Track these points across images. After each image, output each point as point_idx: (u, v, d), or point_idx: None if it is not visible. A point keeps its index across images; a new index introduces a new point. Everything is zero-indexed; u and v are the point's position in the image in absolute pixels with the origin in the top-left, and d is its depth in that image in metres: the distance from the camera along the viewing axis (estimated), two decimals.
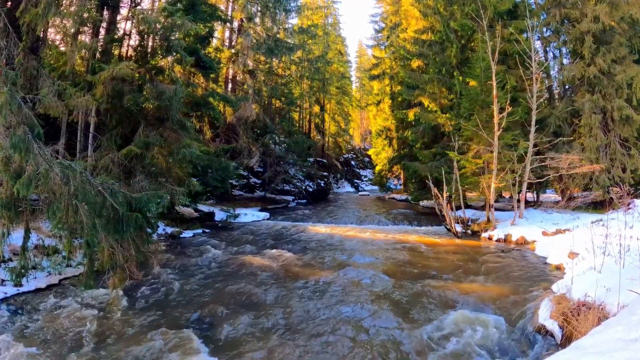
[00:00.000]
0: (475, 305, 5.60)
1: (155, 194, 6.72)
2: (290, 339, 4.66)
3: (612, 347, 2.87)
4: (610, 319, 3.93)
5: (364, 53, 47.65)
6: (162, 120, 9.54)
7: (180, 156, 9.31)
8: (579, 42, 13.71)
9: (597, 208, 12.83)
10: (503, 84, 12.61)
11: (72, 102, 7.53)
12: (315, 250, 9.50)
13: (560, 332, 4.35)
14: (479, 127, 11.96)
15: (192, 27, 9.92)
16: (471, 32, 15.41)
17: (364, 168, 41.71)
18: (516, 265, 7.90)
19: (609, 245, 5.52)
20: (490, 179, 11.85)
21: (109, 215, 5.37)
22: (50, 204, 4.99)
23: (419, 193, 18.75)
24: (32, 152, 4.82)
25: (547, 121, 13.97)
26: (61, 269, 6.73)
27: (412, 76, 17.86)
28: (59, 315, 5.16)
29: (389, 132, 27.03)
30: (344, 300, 5.91)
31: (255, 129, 19.64)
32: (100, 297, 5.77)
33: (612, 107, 12.99)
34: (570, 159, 11.37)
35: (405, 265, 8.10)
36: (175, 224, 11.51)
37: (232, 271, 7.52)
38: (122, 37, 10.78)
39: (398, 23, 26.90)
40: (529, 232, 10.30)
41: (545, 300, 4.88)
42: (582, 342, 3.32)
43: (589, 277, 5.04)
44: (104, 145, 9.20)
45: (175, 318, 5.24)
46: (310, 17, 31.49)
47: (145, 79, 9.50)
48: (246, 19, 19.58)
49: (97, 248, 5.54)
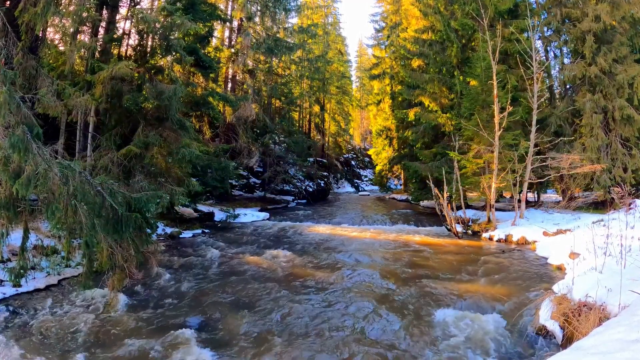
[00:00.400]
0: (476, 306, 5.60)
1: (155, 194, 6.72)
2: (290, 340, 4.66)
3: (613, 348, 2.87)
4: (611, 319, 3.93)
5: (364, 52, 47.71)
6: (161, 120, 9.54)
7: (180, 156, 9.31)
8: (580, 42, 13.72)
9: (598, 208, 12.84)
10: (504, 83, 12.62)
11: (71, 101, 7.53)
12: (315, 251, 9.50)
13: (561, 332, 4.35)
14: (479, 126, 11.96)
15: (191, 26, 9.92)
16: (472, 31, 15.42)
17: (364, 168, 41.74)
18: (517, 266, 7.89)
19: (610, 246, 5.53)
20: (491, 179, 11.86)
21: (108, 216, 5.37)
22: (49, 204, 4.99)
23: (420, 193, 18.76)
24: (31, 152, 4.82)
25: (548, 121, 13.98)
26: (60, 270, 6.74)
27: (412, 76, 17.88)
28: (57, 316, 5.16)
29: (390, 132, 27.07)
30: (343, 302, 5.91)
31: (255, 128, 19.65)
32: (99, 298, 5.76)
33: (613, 107, 12.99)
34: (571, 158, 11.37)
35: (406, 266, 8.10)
36: (174, 224, 11.51)
37: (232, 272, 7.52)
38: (122, 37, 10.79)
39: (398, 22, 26.94)
40: (530, 232, 10.30)
41: (546, 301, 4.88)
42: (583, 342, 3.32)
43: (590, 278, 5.04)
44: (103, 145, 9.21)
45: (174, 319, 5.24)
46: (310, 17, 31.52)
47: (145, 79, 9.49)
48: (246, 18, 19.58)
49: (96, 248, 5.53)
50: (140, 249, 6.40)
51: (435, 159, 16.07)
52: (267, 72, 21.17)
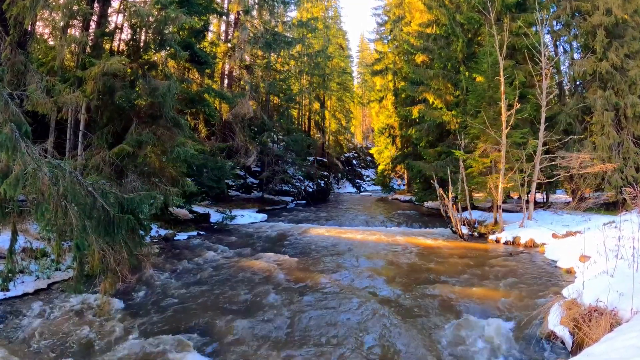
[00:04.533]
0: (483, 311, 5.60)
1: (148, 194, 6.72)
2: (288, 348, 4.66)
3: (625, 355, 2.88)
4: (623, 325, 3.93)
5: (366, 47, 47.76)
6: (155, 117, 9.54)
7: (174, 155, 9.31)
8: (590, 36, 13.72)
9: (609, 209, 12.83)
10: (511, 79, 12.61)
11: (62, 98, 7.53)
12: (315, 254, 9.50)
13: (570, 338, 4.35)
14: (486, 124, 11.96)
15: (186, 20, 9.93)
16: (478, 25, 15.41)
17: (366, 167, 41.76)
18: (525, 269, 7.90)
19: (621, 248, 5.53)
20: (497, 179, 11.85)
21: (99, 217, 5.37)
22: (38, 205, 4.99)
23: (424, 194, 18.73)
24: (19, 151, 4.82)
25: (557, 118, 13.97)
26: (50, 273, 6.74)
27: (416, 71, 17.86)
28: (47, 322, 5.16)
29: (392, 130, 27.05)
30: (345, 306, 5.90)
31: (253, 126, 19.66)
32: (90, 302, 5.76)
33: (625, 104, 12.99)
34: (582, 158, 11.37)
35: (410, 269, 8.10)
36: (169, 226, 11.52)
37: (228, 275, 7.52)
38: (114, 31, 10.79)
39: (401, 16, 26.94)
40: (539, 234, 10.31)
41: (555, 306, 4.88)
42: (593, 349, 3.32)
43: (601, 282, 5.04)
44: (94, 144, 9.21)
45: (168, 323, 5.24)
46: (310, 10, 31.54)
47: (138, 75, 9.50)
48: (243, 11, 19.58)
49: (87, 251, 5.53)
50: (133, 251, 6.40)
51: (440, 158, 16.06)
52: (265, 67, 21.17)
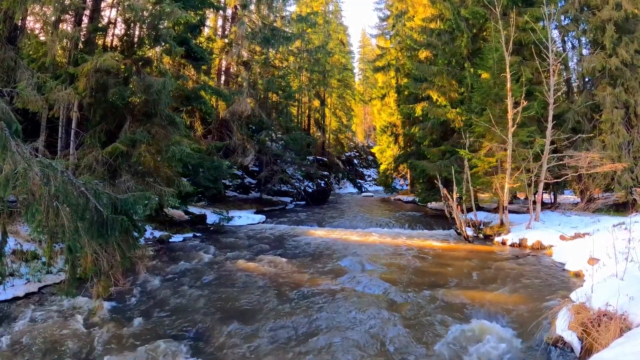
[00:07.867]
0: (488, 315, 5.60)
1: (143, 195, 6.72)
2: (286, 354, 4.66)
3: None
4: (633, 329, 3.93)
5: (367, 43, 47.74)
6: (149, 115, 9.55)
7: (170, 154, 9.32)
8: (599, 31, 13.71)
9: (619, 210, 12.83)
10: (518, 76, 12.62)
11: (53, 95, 7.54)
12: (315, 257, 9.50)
13: (579, 344, 4.35)
14: (491, 122, 11.96)
15: (182, 14, 9.93)
16: (483, 20, 15.42)
17: (367, 167, 41.78)
18: (532, 272, 7.90)
19: (632, 251, 5.52)
20: (503, 178, 11.85)
21: (92, 218, 5.36)
22: (28, 205, 4.98)
23: (427, 194, 18.75)
24: (9, 149, 4.81)
25: (565, 116, 13.97)
26: (41, 276, 6.73)
27: (419, 68, 17.87)
28: (38, 326, 5.16)
29: (395, 129, 27.06)
30: (346, 311, 5.90)
31: (251, 125, 19.67)
32: (83, 306, 5.76)
33: (636, 101, 12.99)
34: (590, 157, 11.37)
35: (413, 272, 8.10)
36: (164, 228, 11.52)
37: (225, 278, 7.52)
38: (107, 26, 10.81)
39: (404, 11, 26.93)
40: (546, 236, 10.31)
41: (563, 310, 4.88)
42: (602, 354, 3.32)
43: (611, 285, 5.03)
44: (87, 143, 9.22)
45: (162, 328, 5.24)
46: (310, 4, 31.53)
47: (132, 71, 9.51)
48: (240, 6, 19.59)
49: (80, 253, 5.52)
50: (127, 254, 6.39)
51: (444, 158, 16.07)
52: (264, 64, 21.17)
